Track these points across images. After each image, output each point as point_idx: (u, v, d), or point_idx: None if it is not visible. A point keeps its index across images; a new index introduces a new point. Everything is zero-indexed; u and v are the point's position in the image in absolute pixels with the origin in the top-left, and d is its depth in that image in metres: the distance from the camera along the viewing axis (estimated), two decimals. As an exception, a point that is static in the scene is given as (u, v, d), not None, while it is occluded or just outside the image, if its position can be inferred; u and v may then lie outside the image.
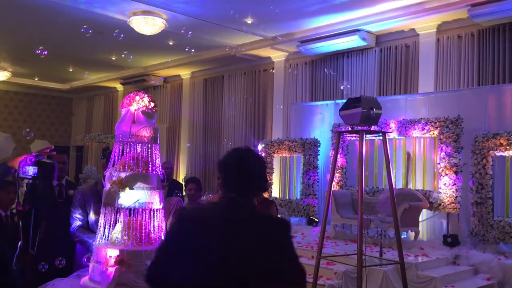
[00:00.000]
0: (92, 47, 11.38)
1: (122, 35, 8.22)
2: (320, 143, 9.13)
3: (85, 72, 10.68)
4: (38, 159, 3.22)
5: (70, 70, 14.14)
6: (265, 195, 9.28)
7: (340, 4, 8.17)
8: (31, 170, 3.42)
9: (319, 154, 9.11)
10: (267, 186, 4.80)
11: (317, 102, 10.14)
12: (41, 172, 4.05)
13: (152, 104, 3.27)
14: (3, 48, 12.05)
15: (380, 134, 4.81)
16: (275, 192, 9.62)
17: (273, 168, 9.58)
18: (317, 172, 9.07)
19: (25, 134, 4.59)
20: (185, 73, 13.52)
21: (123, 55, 11.12)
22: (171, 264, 2.01)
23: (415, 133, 7.79)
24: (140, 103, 3.21)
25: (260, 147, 10.06)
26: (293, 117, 10.48)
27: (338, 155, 7.63)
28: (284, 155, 9.57)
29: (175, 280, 1.99)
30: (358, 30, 8.99)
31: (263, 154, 9.74)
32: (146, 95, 3.27)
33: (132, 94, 3.25)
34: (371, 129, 4.58)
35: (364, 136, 4.48)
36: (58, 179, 4.45)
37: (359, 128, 4.48)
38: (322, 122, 9.59)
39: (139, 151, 3.21)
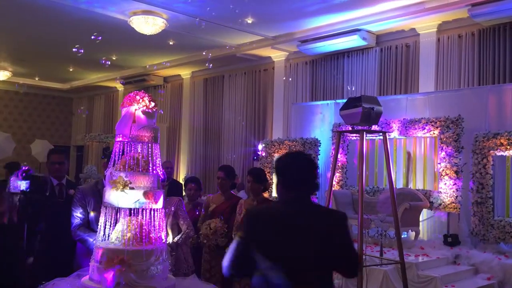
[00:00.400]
0: (93, 47, 11.37)
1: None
2: (320, 143, 9.12)
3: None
4: (29, 173, 3.21)
5: (70, 70, 14.14)
6: (266, 195, 9.27)
7: (340, 4, 8.17)
8: (22, 185, 3.42)
9: (319, 154, 9.10)
10: (267, 186, 4.80)
11: (317, 101, 10.13)
12: (33, 186, 4.07)
13: (152, 104, 3.26)
14: (3, 47, 12.05)
15: (381, 133, 4.80)
16: (276, 191, 9.60)
17: (273, 168, 9.57)
18: (318, 172, 9.05)
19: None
20: (185, 72, 13.52)
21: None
22: (252, 256, 2.28)
23: (416, 133, 7.78)
24: (140, 102, 3.21)
25: (260, 146, 10.05)
26: (293, 117, 10.47)
27: (339, 155, 7.62)
28: (284, 154, 9.55)
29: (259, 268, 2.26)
30: (358, 30, 8.99)
31: (264, 154, 9.74)
32: (146, 95, 3.27)
33: (132, 94, 3.25)
34: (372, 129, 4.57)
35: (365, 135, 4.47)
36: (58, 179, 4.45)
37: (360, 127, 4.47)
38: (323, 121, 9.58)
39: (139, 151, 3.21)
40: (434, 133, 7.58)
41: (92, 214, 3.72)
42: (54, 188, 4.38)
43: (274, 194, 9.54)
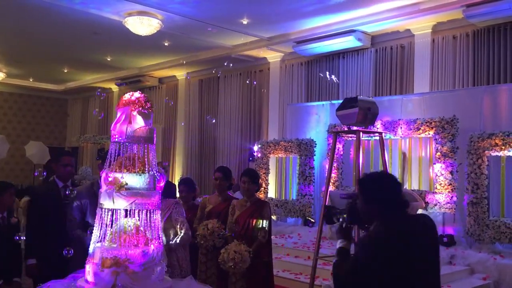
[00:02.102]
0: (88, 48, 11.35)
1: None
2: (316, 144, 9.13)
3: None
4: None
5: (65, 71, 14.09)
6: (261, 195, 9.27)
7: (335, 5, 8.18)
8: None
9: (315, 155, 9.10)
10: (260, 186, 4.80)
11: (313, 102, 10.14)
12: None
13: (148, 104, 3.25)
14: (-3, 48, 12.00)
15: (376, 134, 4.80)
16: (271, 192, 9.61)
17: (269, 169, 9.57)
18: (313, 173, 9.07)
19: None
20: (180, 73, 13.50)
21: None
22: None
23: (411, 133, 7.80)
24: (136, 103, 3.19)
25: (256, 147, 10.05)
26: (289, 118, 10.48)
27: (335, 155, 7.63)
28: (280, 155, 9.56)
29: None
30: (354, 31, 9.01)
31: (259, 155, 9.74)
32: (142, 95, 3.25)
33: (128, 95, 3.24)
34: (368, 129, 4.58)
35: (361, 136, 4.48)
36: (64, 181, 4.44)
37: (356, 128, 4.48)
38: (318, 122, 9.59)
39: (135, 152, 3.19)
40: (429, 134, 7.60)
41: (88, 215, 3.70)
42: (59, 190, 4.35)
43: (270, 194, 9.55)
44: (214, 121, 12.26)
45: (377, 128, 7.79)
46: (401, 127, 7.88)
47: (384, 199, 2.51)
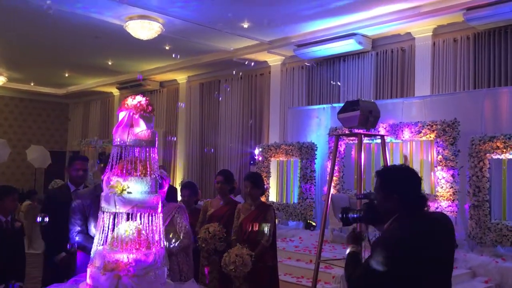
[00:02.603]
0: (88, 52, 11.37)
1: None
2: (317, 147, 9.13)
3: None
4: None
5: (66, 75, 14.11)
6: (263, 199, 9.26)
7: (336, 8, 8.19)
8: None
9: (316, 158, 9.10)
10: (264, 190, 4.79)
11: (313, 106, 10.15)
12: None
13: (150, 108, 3.25)
14: (-2, 53, 12.02)
15: (378, 137, 4.80)
16: (272, 196, 9.60)
17: (270, 172, 9.56)
18: (314, 176, 9.07)
19: None
20: (181, 77, 13.52)
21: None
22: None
23: (412, 136, 7.80)
24: (138, 106, 3.19)
25: (257, 151, 10.05)
26: (289, 121, 10.48)
27: (336, 159, 7.62)
28: (281, 159, 9.56)
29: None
30: (354, 34, 9.01)
31: (260, 158, 9.73)
32: (144, 98, 3.25)
33: (130, 98, 3.24)
34: (370, 132, 4.58)
35: (363, 138, 4.47)
36: (77, 185, 4.49)
37: (358, 131, 4.47)
38: (319, 126, 9.59)
39: (137, 155, 3.19)
40: (430, 137, 7.59)
41: (90, 219, 3.69)
42: (71, 194, 4.39)
43: (271, 198, 9.54)
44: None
45: (378, 132, 7.78)
46: (402, 130, 7.88)
47: (406, 193, 2.43)
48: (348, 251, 2.67)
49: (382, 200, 2.49)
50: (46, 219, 4.12)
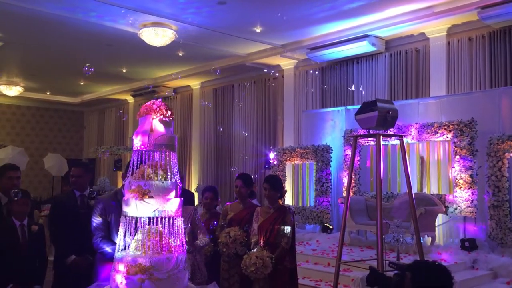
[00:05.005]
0: (103, 60, 11.49)
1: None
2: (332, 150, 9.10)
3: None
4: None
5: (81, 83, 14.27)
6: (280, 202, 9.24)
7: (348, 10, 8.18)
8: None
9: (331, 161, 9.07)
10: (283, 193, 4.79)
11: (328, 108, 10.12)
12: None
13: (169, 112, 3.28)
14: (15, 63, 12.20)
15: (397, 137, 4.77)
16: (288, 199, 9.59)
17: (285, 176, 9.55)
18: (330, 179, 9.03)
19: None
20: (194, 83, 13.59)
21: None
22: None
23: (429, 137, 7.74)
24: (157, 111, 3.22)
25: (272, 155, 10.05)
26: (304, 124, 10.47)
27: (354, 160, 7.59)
28: (296, 162, 9.55)
29: None
30: (367, 36, 8.98)
31: (275, 162, 9.73)
32: (163, 104, 3.28)
33: (149, 103, 3.27)
34: (388, 133, 4.55)
35: (381, 139, 4.45)
36: (80, 190, 4.60)
37: (376, 131, 4.45)
38: (334, 128, 9.57)
39: (157, 159, 3.22)
40: (447, 137, 7.53)
41: (112, 224, 3.73)
42: (76, 199, 4.56)
43: (287, 201, 9.52)
44: (221, 129, 12.43)
45: (395, 132, 7.73)
46: (418, 131, 7.82)
47: None
48: None
49: None
50: (19, 195, 4.29)
